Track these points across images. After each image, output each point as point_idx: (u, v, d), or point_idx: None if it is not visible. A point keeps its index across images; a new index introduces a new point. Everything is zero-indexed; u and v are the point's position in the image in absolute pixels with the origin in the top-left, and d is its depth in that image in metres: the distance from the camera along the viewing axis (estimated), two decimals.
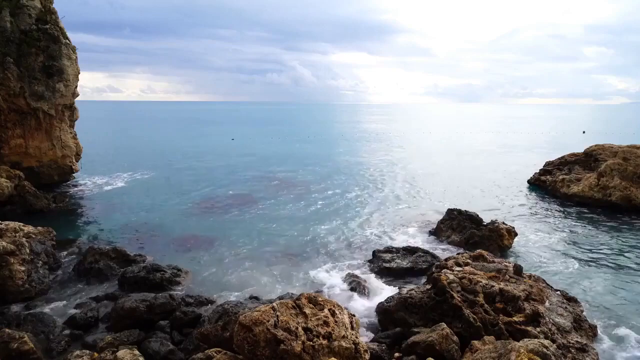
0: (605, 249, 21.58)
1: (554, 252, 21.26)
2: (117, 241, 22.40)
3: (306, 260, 20.41)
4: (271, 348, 9.59)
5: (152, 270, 17.46)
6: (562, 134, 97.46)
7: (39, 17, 30.99)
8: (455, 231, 22.71)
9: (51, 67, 30.79)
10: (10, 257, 16.04)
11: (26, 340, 11.75)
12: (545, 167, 37.33)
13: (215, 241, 22.72)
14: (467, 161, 52.87)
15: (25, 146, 31.40)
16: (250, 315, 10.07)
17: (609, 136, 78.52)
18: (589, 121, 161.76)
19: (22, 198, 27.28)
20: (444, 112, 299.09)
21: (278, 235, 23.80)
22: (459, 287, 13.40)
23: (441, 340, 11.40)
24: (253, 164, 49.21)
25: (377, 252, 19.79)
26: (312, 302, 10.90)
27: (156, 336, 13.12)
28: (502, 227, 21.62)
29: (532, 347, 9.49)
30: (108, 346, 12.23)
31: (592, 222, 26.12)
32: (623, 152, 30.56)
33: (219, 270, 19.10)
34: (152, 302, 14.41)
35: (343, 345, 10.06)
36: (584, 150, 35.78)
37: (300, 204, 30.84)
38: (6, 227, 17.39)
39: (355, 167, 47.35)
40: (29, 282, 16.07)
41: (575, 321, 13.26)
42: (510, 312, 12.64)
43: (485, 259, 16.38)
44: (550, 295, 14.31)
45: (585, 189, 30.41)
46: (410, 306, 13.62)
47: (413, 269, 18.18)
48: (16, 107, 30.32)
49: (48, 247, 18.82)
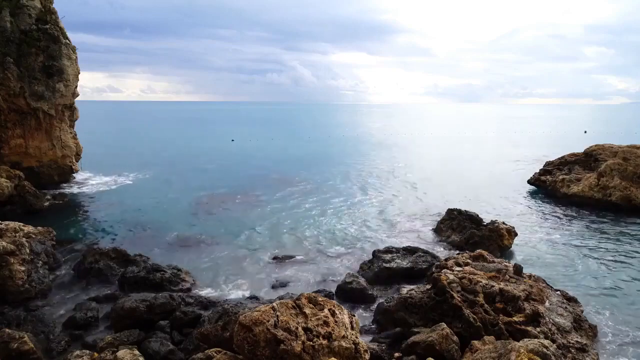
0: (605, 249, 21.58)
1: (554, 252, 21.27)
2: (117, 241, 22.41)
3: (306, 260, 20.42)
4: (271, 348, 9.58)
5: (152, 271, 17.45)
6: (562, 134, 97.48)
7: (39, 17, 31.01)
8: (455, 231, 22.71)
9: (51, 67, 30.80)
10: (10, 257, 16.04)
11: (26, 340, 11.75)
12: (545, 167, 37.33)
13: (215, 241, 22.73)
14: (467, 161, 52.89)
15: (25, 146, 31.41)
16: (250, 315, 10.07)
17: (609, 136, 78.53)
18: (589, 121, 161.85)
19: (22, 198, 27.27)
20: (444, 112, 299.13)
21: (278, 236, 23.81)
22: (459, 287, 13.40)
23: (441, 340, 11.40)
24: (253, 165, 49.22)
25: (377, 252, 19.79)
26: (312, 302, 10.90)
27: (156, 336, 13.11)
28: (502, 227, 21.61)
29: (532, 347, 9.49)
30: (108, 346, 12.22)
31: (592, 222, 26.11)
32: (623, 152, 30.56)
33: (219, 270, 19.11)
34: (152, 302, 14.41)
35: (343, 345, 10.05)
36: (584, 150, 35.79)
37: (300, 204, 30.84)
38: (6, 227, 17.38)
39: (355, 167, 47.36)
40: (29, 282, 16.06)
41: (575, 321, 13.25)
42: (510, 312, 12.64)
43: (485, 259, 16.37)
44: (550, 295, 14.31)
45: (585, 189, 30.40)
46: (410, 306, 13.62)
47: (413, 269, 18.16)
48: (16, 107, 30.33)
49: (48, 247, 18.82)
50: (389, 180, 40.18)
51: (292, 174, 42.68)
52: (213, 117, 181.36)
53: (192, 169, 46.07)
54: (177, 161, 51.49)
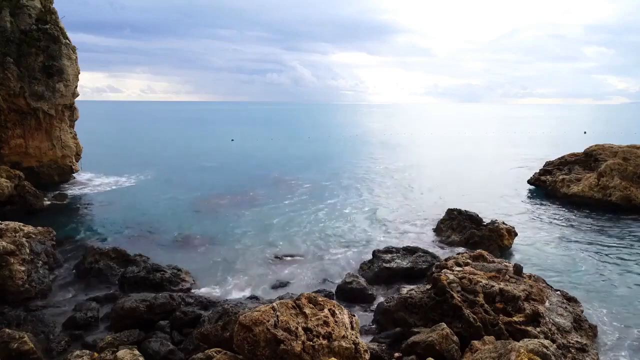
0: (605, 249, 21.58)
1: (554, 252, 21.26)
2: (117, 241, 22.39)
3: (306, 260, 20.43)
4: (271, 348, 9.58)
5: (152, 271, 17.45)
6: (562, 134, 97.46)
7: (39, 17, 31.00)
8: (455, 231, 22.70)
9: (51, 67, 30.79)
10: (10, 257, 16.03)
11: (26, 340, 11.75)
12: (545, 167, 37.32)
13: (215, 241, 22.72)
14: (467, 161, 52.89)
15: (25, 146, 31.41)
16: (250, 315, 10.07)
17: (609, 136, 78.51)
18: (589, 121, 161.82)
19: (22, 198, 27.27)
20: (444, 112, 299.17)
21: (278, 236, 23.80)
22: (459, 287, 13.40)
23: (441, 340, 11.39)
24: (252, 165, 49.23)
25: (377, 252, 19.78)
26: (312, 302, 10.90)
27: (156, 336, 13.10)
28: (502, 227, 21.61)
29: (532, 347, 9.49)
30: (108, 346, 12.22)
31: (592, 223, 26.10)
32: (623, 152, 30.57)
33: (219, 270, 19.11)
34: (152, 302, 14.41)
35: (343, 345, 10.05)
36: (584, 150, 35.78)
37: (300, 204, 30.84)
38: (6, 227, 17.38)
39: (355, 167, 47.36)
40: (29, 282, 16.06)
41: (575, 321, 13.25)
42: (510, 312, 12.64)
43: (485, 259, 16.37)
44: (550, 295, 14.31)
45: (585, 189, 30.40)
46: (410, 306, 13.62)
47: (413, 269, 18.16)
48: (16, 107, 30.33)
49: (48, 247, 18.82)
50: (389, 180, 40.17)
51: (292, 174, 42.68)
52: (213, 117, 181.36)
53: (192, 169, 46.07)
54: (177, 161, 51.50)
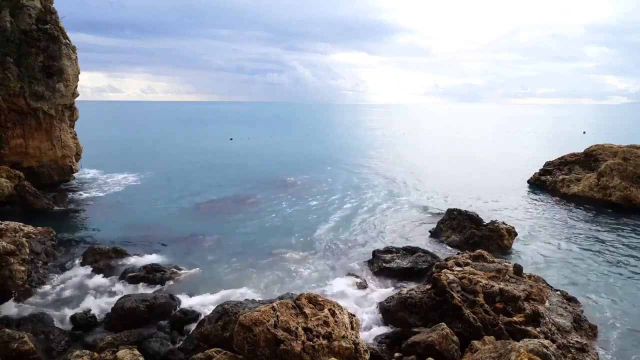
0: (605, 249, 21.58)
1: (554, 252, 21.26)
2: (117, 241, 22.38)
3: (306, 260, 20.41)
4: (271, 348, 9.59)
5: (152, 270, 17.48)
6: (563, 134, 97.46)
7: (39, 17, 30.98)
8: (455, 231, 22.71)
9: (51, 67, 30.77)
10: (10, 257, 16.02)
11: (26, 340, 11.75)
12: (545, 167, 37.33)
13: (215, 241, 22.72)
14: (467, 161, 52.87)
15: (25, 146, 31.39)
16: (250, 315, 10.07)
17: (609, 136, 78.52)
18: (589, 121, 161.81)
19: (22, 198, 27.27)
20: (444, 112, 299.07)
21: (278, 235, 23.79)
22: (459, 287, 13.41)
23: (441, 340, 11.40)
24: (252, 164, 49.20)
25: (377, 252, 19.79)
26: (312, 302, 10.90)
27: (156, 336, 13.12)
28: (502, 227, 21.62)
29: (532, 347, 9.50)
30: (108, 346, 12.22)
31: (592, 222, 26.11)
32: (623, 152, 30.57)
33: (219, 270, 19.10)
34: (152, 302, 14.43)
35: (343, 345, 10.06)
36: (584, 150, 35.79)
37: (300, 204, 30.83)
38: (6, 227, 17.38)
39: (355, 167, 47.34)
40: (29, 282, 16.08)
41: (575, 321, 13.26)
42: (510, 312, 12.64)
43: (485, 259, 16.38)
44: (550, 295, 14.31)
45: (585, 189, 30.41)
46: (410, 306, 13.63)
47: (413, 269, 18.17)
48: (16, 107, 30.30)
49: (48, 247, 18.82)
50: (389, 180, 40.15)
51: (292, 174, 42.66)
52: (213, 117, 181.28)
53: (192, 169, 46.06)
54: (177, 161, 51.48)
